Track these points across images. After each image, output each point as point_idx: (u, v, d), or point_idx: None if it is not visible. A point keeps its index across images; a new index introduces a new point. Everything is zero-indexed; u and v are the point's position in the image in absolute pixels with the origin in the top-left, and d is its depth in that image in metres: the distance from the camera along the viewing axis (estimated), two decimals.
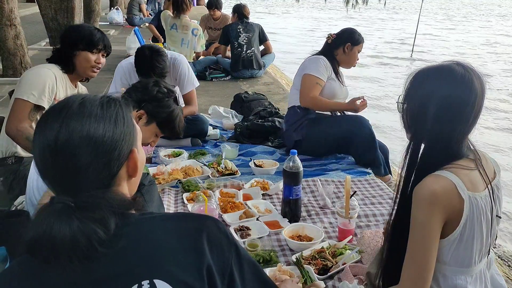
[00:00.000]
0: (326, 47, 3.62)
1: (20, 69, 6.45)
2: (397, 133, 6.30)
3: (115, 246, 0.96)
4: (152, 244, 0.99)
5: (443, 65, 1.55)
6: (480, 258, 1.56)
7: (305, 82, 3.47)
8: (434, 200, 1.44)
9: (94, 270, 0.95)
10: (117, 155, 1.01)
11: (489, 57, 13.67)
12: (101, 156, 0.99)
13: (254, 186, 2.96)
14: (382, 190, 3.03)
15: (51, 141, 0.97)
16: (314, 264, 2.13)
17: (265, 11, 25.61)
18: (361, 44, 3.59)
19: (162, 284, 0.96)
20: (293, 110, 3.57)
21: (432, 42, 16.22)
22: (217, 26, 7.76)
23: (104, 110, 1.02)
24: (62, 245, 0.92)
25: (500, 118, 7.90)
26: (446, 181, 1.46)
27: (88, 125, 0.98)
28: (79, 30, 2.77)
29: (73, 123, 0.98)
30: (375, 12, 26.24)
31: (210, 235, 1.03)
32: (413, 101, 1.55)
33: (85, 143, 0.97)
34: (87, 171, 0.98)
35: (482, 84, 1.50)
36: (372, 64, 12.30)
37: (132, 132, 1.06)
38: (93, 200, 0.96)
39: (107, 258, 0.96)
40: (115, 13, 13.57)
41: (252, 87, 6.35)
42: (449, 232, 1.49)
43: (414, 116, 1.55)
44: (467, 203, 1.46)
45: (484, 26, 22.64)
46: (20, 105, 2.61)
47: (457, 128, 1.50)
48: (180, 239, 1.01)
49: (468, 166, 1.51)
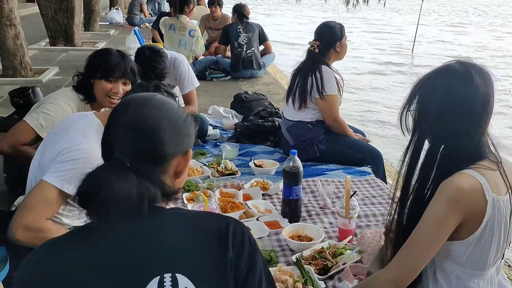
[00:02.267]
0: (315, 56, 3.42)
1: (20, 69, 6.45)
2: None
3: (143, 234, 1.01)
4: (177, 239, 1.03)
5: (445, 65, 1.55)
6: (494, 262, 1.55)
7: (331, 103, 3.38)
8: (458, 198, 1.43)
9: (119, 250, 0.99)
10: (177, 142, 1.11)
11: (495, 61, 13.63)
12: (169, 131, 1.09)
13: (254, 186, 2.96)
14: (382, 190, 3.03)
15: (132, 108, 1.10)
16: (314, 264, 2.13)
17: (266, 12, 25.61)
18: (344, 33, 3.50)
19: (184, 279, 0.98)
20: (304, 125, 3.44)
21: (433, 43, 16.23)
22: (216, 26, 7.76)
23: (180, 109, 1.17)
24: (117, 197, 0.97)
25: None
26: (474, 181, 1.44)
27: (166, 110, 1.12)
28: (99, 55, 2.51)
29: (152, 102, 1.12)
30: (375, 12, 26.27)
31: (236, 235, 1.06)
32: (421, 105, 1.54)
33: (162, 114, 1.10)
34: (158, 138, 1.07)
35: (487, 79, 1.49)
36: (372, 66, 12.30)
37: (192, 138, 1.17)
38: (147, 167, 1.04)
39: (132, 244, 1.00)
40: (115, 13, 13.56)
41: (252, 87, 6.36)
42: (469, 234, 1.47)
43: (422, 119, 1.54)
44: (490, 205, 1.45)
45: (486, 27, 22.63)
46: (23, 130, 2.51)
47: (469, 126, 1.48)
48: (205, 237, 1.04)
49: (491, 167, 1.49)
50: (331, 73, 3.41)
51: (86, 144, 1.81)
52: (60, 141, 1.84)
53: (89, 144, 1.81)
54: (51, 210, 1.79)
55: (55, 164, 1.79)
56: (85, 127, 1.89)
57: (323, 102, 3.37)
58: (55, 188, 1.77)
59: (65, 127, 1.91)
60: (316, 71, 3.37)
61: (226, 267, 1.02)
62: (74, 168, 1.77)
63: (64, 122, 1.98)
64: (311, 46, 3.45)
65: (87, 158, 1.77)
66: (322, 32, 3.48)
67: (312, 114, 3.45)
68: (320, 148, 3.44)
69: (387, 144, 6.10)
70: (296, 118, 3.49)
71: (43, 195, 1.76)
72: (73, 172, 1.75)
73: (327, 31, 3.47)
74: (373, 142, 3.82)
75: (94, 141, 1.83)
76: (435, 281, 1.57)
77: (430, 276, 1.58)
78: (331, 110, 3.42)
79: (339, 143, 3.45)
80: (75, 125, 1.90)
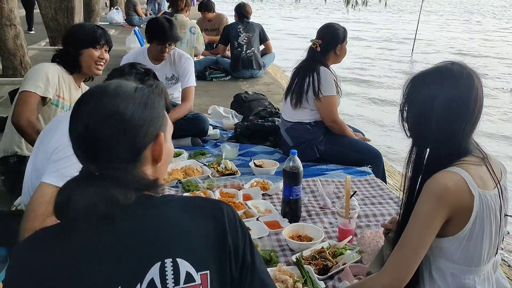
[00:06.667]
0: (316, 55, 3.42)
1: (20, 69, 6.45)
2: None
3: (138, 223, 1.03)
4: (175, 226, 1.05)
5: (440, 66, 1.57)
6: (489, 258, 1.56)
7: (330, 104, 3.38)
8: (444, 195, 1.45)
9: (116, 239, 1.00)
10: (143, 134, 1.07)
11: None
12: (127, 131, 1.05)
13: (254, 186, 2.96)
14: (382, 190, 3.03)
15: (85, 115, 1.05)
16: (314, 264, 2.13)
17: (266, 13, 25.57)
18: (347, 37, 3.51)
19: (184, 263, 1.01)
20: (303, 126, 3.45)
21: (434, 42, 16.23)
22: (212, 27, 7.72)
23: (137, 93, 1.09)
24: (80, 208, 0.98)
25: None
26: (457, 177, 1.47)
27: (119, 103, 1.05)
28: (82, 29, 2.80)
29: (106, 99, 1.06)
30: (376, 12, 26.25)
31: (230, 219, 1.10)
32: (416, 106, 1.56)
33: (114, 118, 1.04)
34: (112, 144, 1.04)
35: (479, 78, 1.53)
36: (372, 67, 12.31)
37: (160, 118, 1.12)
38: (115, 171, 1.03)
39: (130, 233, 1.01)
40: (115, 13, 13.58)
41: (252, 87, 6.35)
42: (458, 230, 1.49)
43: (418, 120, 1.56)
44: (477, 200, 1.47)
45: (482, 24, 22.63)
46: (29, 97, 2.59)
47: (464, 125, 1.51)
48: (202, 221, 1.07)
49: (475, 162, 1.52)
50: (330, 74, 3.40)
51: None
52: (51, 140, 1.84)
53: None
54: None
55: (51, 164, 1.79)
56: None
57: (320, 104, 3.37)
58: (56, 187, 1.77)
59: (54, 126, 1.91)
60: (314, 72, 3.37)
61: (225, 250, 1.06)
62: (72, 165, 1.77)
63: (52, 123, 1.99)
64: (313, 44, 3.45)
65: None
66: (325, 31, 3.49)
67: (311, 115, 3.44)
68: (320, 149, 3.44)
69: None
70: (295, 119, 3.48)
71: (45, 196, 1.77)
72: (70, 168, 1.76)
73: (331, 32, 3.47)
74: (373, 141, 3.82)
75: None
76: (431, 281, 1.58)
77: (426, 276, 1.59)
78: (330, 111, 3.41)
79: (339, 144, 3.45)
80: (63, 124, 1.89)
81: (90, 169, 1.04)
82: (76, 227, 0.99)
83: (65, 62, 2.76)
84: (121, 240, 1.01)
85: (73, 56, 2.73)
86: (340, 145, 3.45)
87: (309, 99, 3.39)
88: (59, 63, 2.76)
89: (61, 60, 2.76)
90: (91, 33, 2.73)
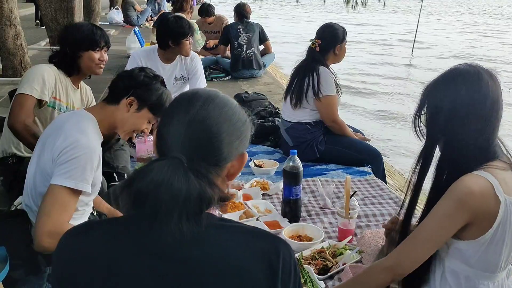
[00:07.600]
0: (315, 55, 3.42)
1: (20, 69, 6.45)
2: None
3: (198, 243, 0.96)
4: (228, 256, 0.97)
5: (456, 69, 1.55)
6: (506, 265, 1.54)
7: (330, 104, 3.38)
8: (466, 200, 1.43)
9: (170, 249, 0.96)
10: (236, 145, 1.07)
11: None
12: (232, 135, 1.05)
13: (254, 186, 2.96)
14: (382, 190, 3.03)
15: (192, 112, 1.02)
16: (314, 264, 2.13)
17: (267, 14, 25.55)
18: (346, 37, 3.51)
19: None
20: (303, 126, 3.45)
21: (435, 41, 16.22)
22: (212, 29, 7.72)
23: (242, 111, 1.12)
24: (177, 198, 0.91)
25: None
26: (484, 182, 1.44)
27: (233, 111, 1.08)
28: (80, 30, 2.70)
29: (220, 102, 1.07)
30: (375, 12, 26.25)
31: (285, 264, 1.02)
32: (433, 110, 1.54)
33: (222, 119, 1.04)
34: (211, 144, 1.02)
35: (495, 79, 1.51)
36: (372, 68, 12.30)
37: (248, 140, 1.12)
38: (206, 169, 0.98)
39: (182, 252, 0.96)
40: (115, 13, 13.57)
41: (252, 87, 6.35)
42: (480, 234, 1.47)
43: (434, 124, 1.54)
44: (503, 205, 1.44)
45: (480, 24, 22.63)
46: (25, 100, 2.57)
47: (486, 125, 1.49)
48: (256, 256, 0.99)
49: (502, 167, 1.49)
50: (330, 74, 3.40)
51: (84, 139, 1.82)
52: (57, 141, 1.83)
53: (87, 138, 1.84)
54: (69, 212, 1.79)
55: (60, 165, 1.79)
56: (79, 122, 1.89)
57: (320, 103, 3.37)
58: (67, 189, 1.77)
59: (58, 127, 1.90)
60: (313, 71, 3.36)
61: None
62: (79, 166, 1.78)
63: (55, 124, 1.97)
64: (312, 44, 3.45)
65: (88, 153, 1.81)
66: (324, 31, 3.48)
67: (310, 115, 3.44)
68: (320, 149, 3.44)
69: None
70: (295, 119, 3.48)
71: (57, 199, 1.77)
72: (80, 169, 1.78)
73: (330, 32, 3.47)
74: (372, 141, 3.82)
75: (91, 133, 1.87)
76: (443, 281, 1.56)
77: (438, 276, 1.57)
78: (330, 111, 3.41)
79: (339, 144, 3.45)
80: (67, 124, 1.89)
81: (181, 158, 0.96)
82: (150, 219, 0.92)
83: (62, 64, 2.72)
84: (167, 259, 0.96)
85: (71, 58, 2.69)
86: (340, 145, 3.45)
87: (309, 99, 3.39)
88: (56, 64, 2.72)
89: (59, 61, 2.72)
90: (90, 34, 2.67)
